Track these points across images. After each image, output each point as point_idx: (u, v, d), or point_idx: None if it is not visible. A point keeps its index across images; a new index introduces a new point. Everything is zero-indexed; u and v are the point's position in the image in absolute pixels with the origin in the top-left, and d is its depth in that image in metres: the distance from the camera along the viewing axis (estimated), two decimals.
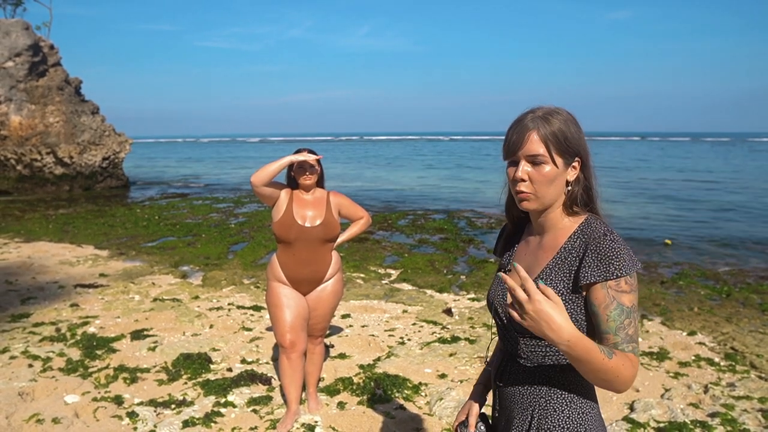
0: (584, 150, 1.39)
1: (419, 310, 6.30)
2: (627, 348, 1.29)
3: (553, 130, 1.35)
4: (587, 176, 1.41)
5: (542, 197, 1.38)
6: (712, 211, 15.18)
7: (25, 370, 4.40)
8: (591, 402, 1.42)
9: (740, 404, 3.90)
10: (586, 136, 1.44)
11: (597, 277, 1.30)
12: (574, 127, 1.38)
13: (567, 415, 1.39)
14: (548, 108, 1.39)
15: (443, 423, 3.60)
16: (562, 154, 1.36)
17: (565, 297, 1.36)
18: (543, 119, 1.36)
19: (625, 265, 1.29)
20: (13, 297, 6.68)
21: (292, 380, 3.49)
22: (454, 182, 25.08)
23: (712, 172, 30.02)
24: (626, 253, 1.30)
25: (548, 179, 1.36)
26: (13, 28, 21.15)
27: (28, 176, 20.93)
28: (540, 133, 1.34)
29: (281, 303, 3.41)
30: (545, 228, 1.44)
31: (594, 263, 1.31)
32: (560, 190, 1.39)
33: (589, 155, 1.41)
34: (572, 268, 1.36)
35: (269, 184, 3.32)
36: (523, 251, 1.52)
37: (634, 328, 1.30)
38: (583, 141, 1.40)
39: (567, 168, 1.38)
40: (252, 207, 16.00)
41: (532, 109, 1.40)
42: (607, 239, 1.31)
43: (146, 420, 3.61)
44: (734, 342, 5.24)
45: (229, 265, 8.71)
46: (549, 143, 1.34)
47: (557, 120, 1.36)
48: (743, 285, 7.54)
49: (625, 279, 1.29)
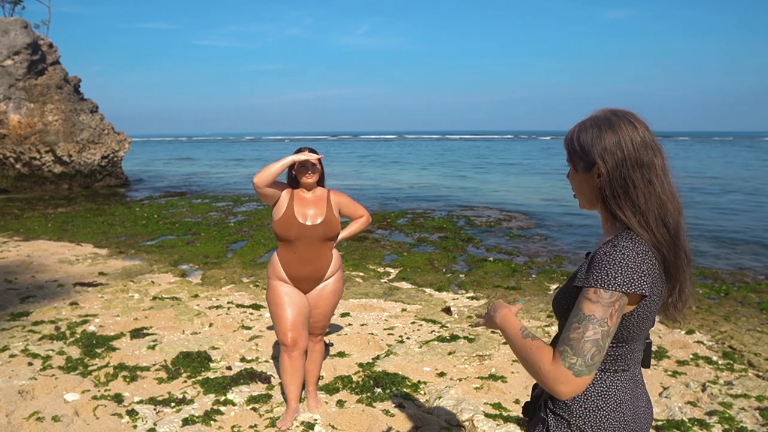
0: (606, 156, 1.35)
1: (418, 308, 6.31)
2: (558, 347, 1.29)
3: (568, 138, 1.43)
4: (614, 184, 1.35)
5: (582, 199, 1.46)
6: (710, 211, 15.20)
7: (25, 369, 4.40)
8: (610, 400, 1.41)
9: (738, 402, 3.91)
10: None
11: (580, 281, 1.34)
12: (590, 135, 1.37)
13: (599, 405, 1.41)
14: (597, 111, 1.43)
15: (442, 421, 3.61)
16: (577, 160, 1.41)
17: (567, 296, 1.41)
18: (579, 124, 1.43)
19: (604, 279, 1.27)
20: (12, 295, 6.69)
21: (292, 378, 3.51)
22: (454, 181, 25.09)
23: (711, 170, 30.05)
24: (614, 269, 1.27)
25: (575, 182, 1.45)
26: (12, 26, 21.12)
27: (27, 175, 20.92)
28: (565, 141, 1.45)
29: (282, 301, 3.42)
30: (604, 232, 1.48)
31: (584, 269, 1.36)
32: (590, 194, 1.42)
33: (621, 162, 1.34)
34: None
35: (271, 184, 3.34)
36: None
37: (579, 335, 1.26)
38: (601, 148, 1.35)
39: (588, 174, 1.40)
40: (251, 206, 16.00)
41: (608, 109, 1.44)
42: (603, 250, 1.32)
43: (146, 418, 3.62)
44: (732, 341, 5.25)
45: (229, 263, 8.72)
46: (567, 149, 1.44)
47: (577, 128, 1.42)
48: (741, 284, 7.56)
49: (596, 289, 1.27)
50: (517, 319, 1.45)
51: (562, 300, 1.44)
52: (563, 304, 1.43)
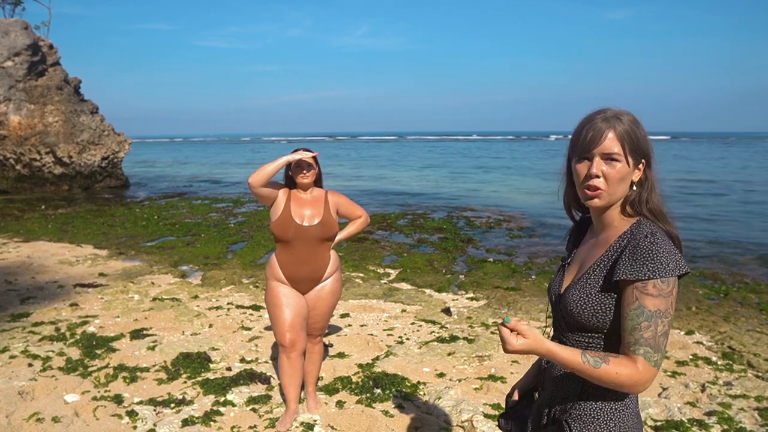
0: (650, 152, 1.44)
1: (418, 309, 6.32)
2: (638, 351, 1.30)
3: (627, 129, 1.40)
4: (650, 177, 1.45)
5: (612, 194, 1.42)
6: (710, 210, 15.21)
7: (25, 370, 4.41)
8: (626, 398, 1.44)
9: (737, 403, 3.92)
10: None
11: (627, 275, 1.33)
12: (642, 129, 1.43)
13: (599, 406, 1.43)
14: (616, 110, 1.44)
15: (441, 422, 3.62)
16: (633, 153, 1.41)
17: (598, 294, 1.41)
18: (616, 119, 1.41)
19: (658, 268, 1.30)
20: (12, 296, 6.69)
21: (291, 379, 3.51)
22: (454, 181, 25.10)
23: (710, 171, 30.04)
24: (665, 256, 1.31)
25: (621, 176, 1.40)
26: (12, 27, 21.14)
27: (27, 176, 20.93)
28: (617, 132, 1.39)
29: (280, 302, 3.42)
30: (603, 226, 1.49)
31: (628, 261, 1.34)
32: (626, 189, 1.43)
33: (653, 158, 1.45)
34: (612, 265, 1.40)
35: (267, 185, 3.34)
36: (582, 249, 1.58)
37: (653, 333, 1.30)
38: (649, 143, 1.44)
39: (634, 168, 1.42)
40: (251, 207, 16.00)
41: (601, 109, 1.45)
42: (647, 240, 1.34)
43: (146, 419, 3.62)
44: (732, 341, 5.26)
45: (229, 264, 8.73)
46: (624, 142, 1.39)
47: (628, 120, 1.41)
48: (741, 285, 7.56)
49: (654, 282, 1.30)
50: (563, 348, 1.35)
51: (590, 303, 1.41)
52: (594, 306, 1.40)
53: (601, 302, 1.40)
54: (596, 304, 1.41)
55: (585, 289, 1.43)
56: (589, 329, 1.43)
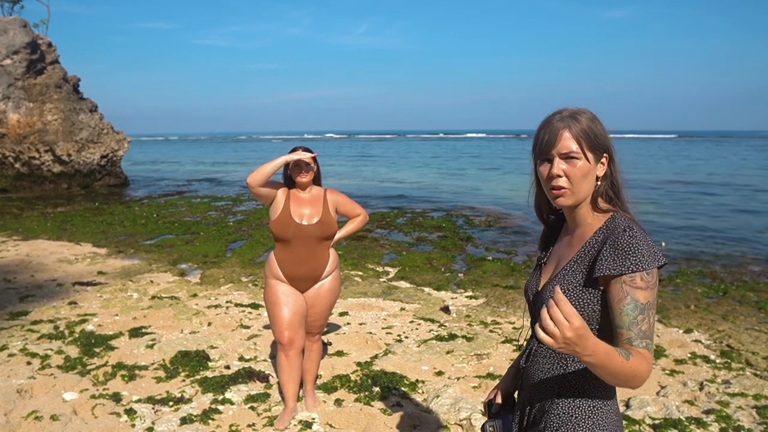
0: (610, 146, 1.46)
1: (417, 307, 6.32)
2: (641, 344, 1.31)
3: (583, 127, 1.42)
4: (614, 171, 1.47)
5: (577, 192, 1.44)
6: (708, 210, 15.22)
7: (24, 368, 4.41)
8: (605, 396, 1.45)
9: (735, 401, 3.92)
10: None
11: (611, 270, 1.34)
12: (600, 125, 1.45)
13: (578, 404, 1.44)
14: (573, 108, 1.46)
15: (440, 420, 3.62)
16: (593, 150, 1.42)
17: (579, 289, 1.42)
18: (572, 118, 1.43)
19: (641, 261, 1.32)
20: (11, 295, 6.69)
21: (289, 377, 3.51)
22: (453, 180, 25.10)
23: (708, 170, 30.06)
24: (645, 248, 1.33)
25: (582, 174, 1.42)
26: (11, 25, 21.10)
27: (26, 174, 20.91)
28: (572, 131, 1.42)
29: (279, 300, 3.43)
30: (577, 224, 1.50)
31: (609, 256, 1.35)
32: (592, 185, 1.45)
33: (614, 152, 1.48)
34: (591, 261, 1.41)
35: (266, 184, 3.34)
36: (558, 247, 1.59)
37: (648, 325, 1.33)
38: (609, 138, 1.46)
39: (597, 164, 1.44)
40: (250, 205, 16.00)
41: (558, 110, 1.47)
42: (626, 234, 1.35)
43: (144, 417, 3.62)
44: (730, 339, 5.26)
45: (228, 263, 8.73)
46: (581, 140, 1.41)
47: (584, 118, 1.44)
48: (740, 283, 7.56)
49: (641, 275, 1.32)
50: (605, 344, 1.23)
51: (575, 296, 1.43)
52: (572, 303, 1.40)
53: (580, 298, 1.41)
54: (574, 300, 1.42)
55: (562, 286, 1.44)
56: None
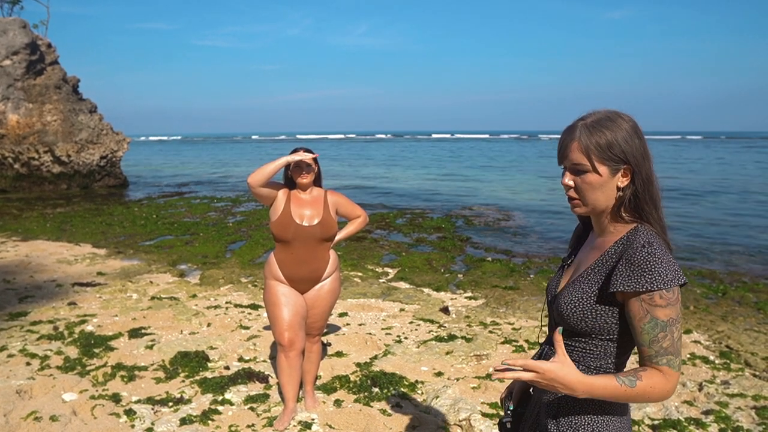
0: (636, 156, 1.37)
1: (416, 308, 6.32)
2: (661, 361, 1.30)
3: (596, 140, 1.35)
4: (639, 182, 1.38)
5: (590, 203, 1.40)
6: (708, 210, 15.23)
7: (23, 368, 4.41)
8: (617, 407, 1.43)
9: (734, 402, 3.93)
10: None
11: (625, 287, 1.31)
12: (624, 134, 1.36)
13: (588, 410, 1.42)
14: (600, 114, 1.39)
15: (439, 421, 3.62)
16: (606, 161, 1.36)
17: (593, 300, 1.39)
18: (589, 128, 1.37)
19: (657, 279, 1.28)
20: (11, 295, 6.69)
21: (289, 378, 3.51)
22: (452, 181, 25.10)
23: (708, 171, 30.07)
24: (663, 266, 1.29)
25: (591, 187, 1.38)
26: (11, 26, 21.10)
27: (25, 175, 20.90)
28: (581, 143, 1.36)
29: (279, 301, 3.43)
30: (600, 230, 1.47)
31: (625, 272, 1.32)
32: (610, 195, 1.39)
33: (643, 161, 1.38)
34: (607, 273, 1.38)
35: (266, 185, 3.35)
36: (582, 250, 1.56)
37: (671, 341, 1.30)
38: (636, 147, 1.37)
39: (615, 175, 1.37)
40: (250, 206, 16.00)
41: (585, 115, 1.41)
42: (644, 250, 1.31)
43: (144, 417, 3.62)
44: (729, 340, 5.27)
45: (227, 263, 8.73)
46: (591, 153, 1.35)
47: (605, 128, 1.36)
48: (739, 284, 7.57)
49: (660, 293, 1.28)
50: (598, 378, 1.31)
51: (579, 307, 1.40)
52: (584, 311, 1.39)
53: (592, 308, 1.39)
54: (586, 309, 1.39)
55: (576, 293, 1.42)
56: (576, 333, 1.42)
